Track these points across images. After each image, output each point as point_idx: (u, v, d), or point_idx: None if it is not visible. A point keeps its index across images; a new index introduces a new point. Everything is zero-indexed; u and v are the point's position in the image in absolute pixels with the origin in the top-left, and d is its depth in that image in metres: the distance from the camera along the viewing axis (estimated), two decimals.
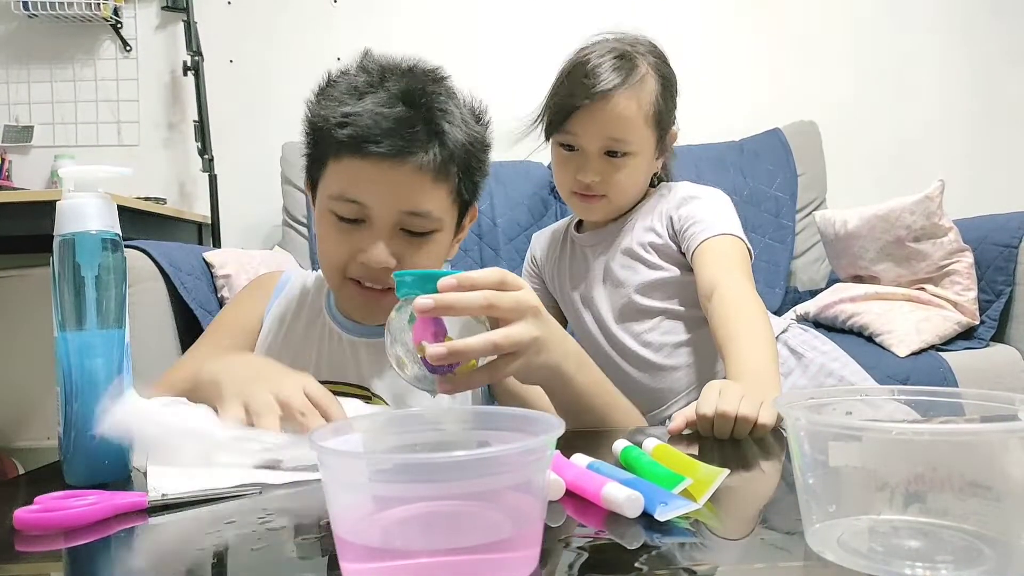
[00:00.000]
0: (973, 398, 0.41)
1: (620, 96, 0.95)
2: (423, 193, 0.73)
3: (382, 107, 0.71)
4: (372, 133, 0.70)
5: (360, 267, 0.75)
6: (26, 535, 0.44)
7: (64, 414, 0.54)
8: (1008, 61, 2.21)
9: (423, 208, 0.74)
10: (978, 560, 0.34)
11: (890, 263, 1.56)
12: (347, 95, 0.74)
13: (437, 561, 0.33)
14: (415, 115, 0.72)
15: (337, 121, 0.72)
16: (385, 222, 0.74)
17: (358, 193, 0.73)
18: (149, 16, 2.19)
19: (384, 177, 0.72)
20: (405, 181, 0.72)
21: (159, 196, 2.08)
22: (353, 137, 0.71)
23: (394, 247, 0.74)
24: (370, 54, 0.79)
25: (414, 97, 0.73)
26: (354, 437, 0.40)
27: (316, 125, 0.77)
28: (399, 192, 0.73)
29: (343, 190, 0.73)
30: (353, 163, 0.72)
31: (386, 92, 0.73)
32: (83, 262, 0.54)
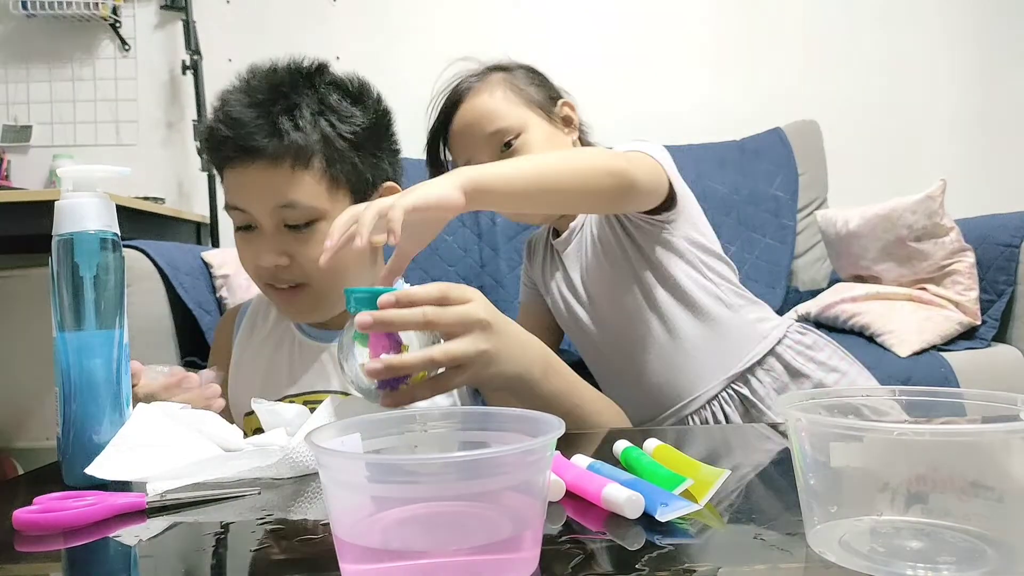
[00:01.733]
0: (975, 398, 0.41)
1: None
2: (287, 184, 0.75)
3: (234, 115, 0.75)
4: (227, 140, 0.74)
5: (264, 271, 0.78)
6: (25, 535, 0.44)
7: (63, 414, 0.54)
8: (1010, 60, 2.21)
9: (291, 198, 0.75)
10: (980, 561, 0.34)
11: (891, 263, 1.56)
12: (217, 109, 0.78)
13: (437, 562, 0.33)
14: (259, 113, 0.75)
15: (207, 139, 0.78)
16: (266, 221, 0.76)
17: (236, 198, 0.77)
18: (148, 15, 2.19)
19: (247, 178, 0.75)
20: (264, 176, 0.74)
21: (158, 196, 2.08)
22: (216, 150, 0.77)
23: (281, 245, 0.76)
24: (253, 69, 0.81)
25: (259, 91, 0.76)
26: (354, 437, 0.40)
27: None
28: (264, 188, 0.75)
29: (228, 199, 0.78)
30: (228, 174, 0.77)
31: (241, 98, 0.76)
32: (82, 262, 0.54)
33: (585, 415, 0.67)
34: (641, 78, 2.21)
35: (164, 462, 0.52)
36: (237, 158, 0.75)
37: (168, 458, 0.52)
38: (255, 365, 0.87)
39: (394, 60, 2.11)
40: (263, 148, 0.74)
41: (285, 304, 0.81)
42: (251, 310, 0.92)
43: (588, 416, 0.68)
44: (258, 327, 0.90)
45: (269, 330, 0.89)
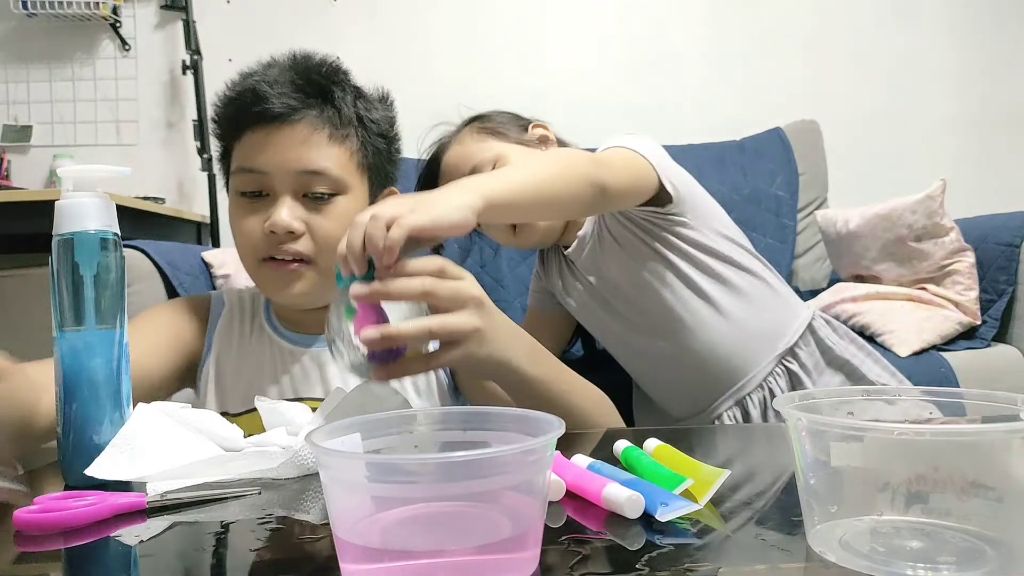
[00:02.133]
0: (975, 398, 0.41)
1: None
2: (318, 150, 0.74)
3: (272, 77, 0.74)
4: (262, 98, 0.73)
5: (269, 240, 0.74)
6: (25, 535, 0.44)
7: (63, 414, 0.54)
8: (1010, 60, 2.21)
9: (319, 165, 0.74)
10: (980, 561, 0.34)
11: (891, 263, 1.56)
12: (239, 79, 0.77)
13: (437, 562, 0.33)
14: (306, 78, 0.75)
15: (230, 99, 0.76)
16: (285, 185, 0.74)
17: (255, 160, 0.74)
18: (148, 15, 2.19)
19: (278, 138, 0.73)
20: (299, 139, 0.74)
21: (158, 196, 2.08)
22: (244, 108, 0.74)
23: (297, 213, 0.74)
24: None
25: (304, 65, 0.77)
26: (354, 438, 0.40)
27: (217, 119, 0.80)
28: (294, 150, 0.73)
29: (241, 162, 0.75)
30: (250, 135, 0.75)
31: (277, 68, 0.77)
32: (82, 261, 0.54)
33: (574, 402, 0.66)
34: (641, 78, 2.21)
35: (164, 462, 0.52)
36: (272, 117, 0.73)
37: (168, 458, 0.52)
38: (240, 370, 0.81)
39: (394, 60, 2.11)
40: (305, 112, 0.74)
41: (283, 283, 0.75)
42: (228, 308, 0.85)
43: (577, 403, 0.66)
44: (237, 329, 0.84)
45: (250, 333, 0.84)
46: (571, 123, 2.14)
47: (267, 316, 0.85)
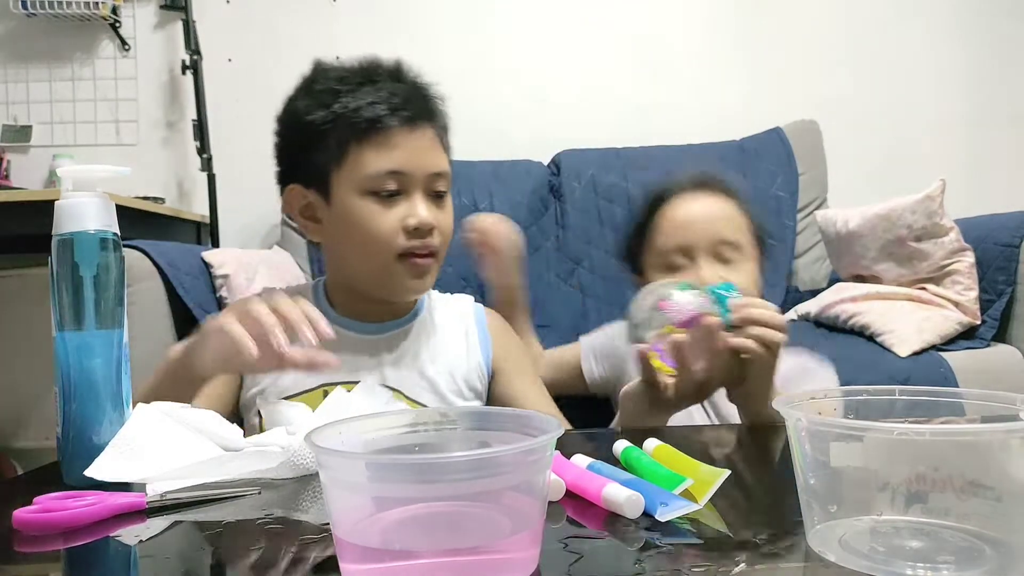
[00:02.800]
0: (974, 398, 0.41)
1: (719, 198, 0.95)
2: (439, 155, 0.84)
3: (385, 88, 0.81)
4: (391, 109, 0.80)
5: (409, 235, 0.80)
6: (25, 535, 0.44)
7: (63, 414, 0.54)
8: (1010, 60, 2.21)
9: (444, 167, 0.83)
10: (979, 560, 0.34)
11: (891, 263, 1.56)
12: (341, 88, 0.81)
13: (437, 562, 0.33)
14: (414, 91, 0.83)
15: (353, 109, 0.79)
16: (418, 185, 0.81)
17: (397, 163, 0.79)
18: (148, 15, 2.18)
19: (412, 144, 0.81)
20: (427, 145, 0.82)
21: (158, 196, 2.08)
22: (377, 118, 0.79)
23: (432, 210, 0.81)
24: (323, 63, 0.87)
25: (406, 78, 0.84)
26: (354, 438, 0.40)
27: (317, 123, 0.81)
28: (426, 155, 0.82)
29: (384, 164, 0.79)
30: (382, 140, 0.80)
31: (387, 78, 0.82)
32: (81, 262, 0.54)
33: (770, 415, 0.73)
34: (641, 78, 2.21)
35: (164, 463, 0.52)
36: (408, 127, 0.80)
37: (168, 459, 0.52)
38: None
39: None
40: (428, 122, 0.82)
41: (418, 276, 0.82)
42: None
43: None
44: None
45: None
46: (571, 123, 2.15)
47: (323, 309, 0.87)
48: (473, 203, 1.89)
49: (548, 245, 1.94)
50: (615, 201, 1.94)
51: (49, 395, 0.55)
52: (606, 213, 1.93)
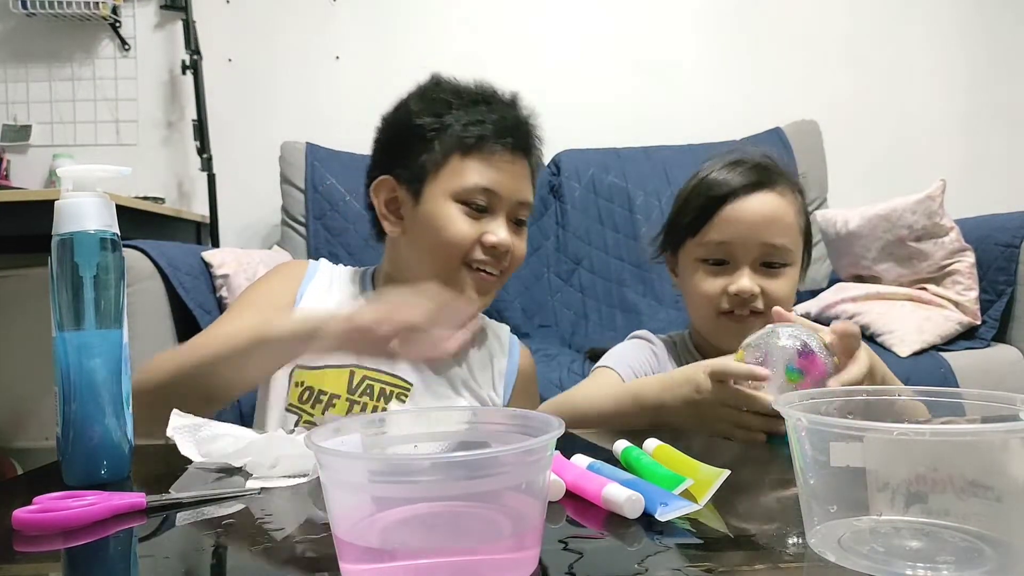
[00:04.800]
0: (974, 398, 0.41)
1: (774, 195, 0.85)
2: (529, 187, 0.89)
3: (498, 112, 0.87)
4: (499, 132, 0.85)
5: (484, 251, 0.84)
6: (25, 535, 0.44)
7: (62, 414, 0.54)
8: (1009, 61, 2.21)
9: (530, 199, 0.89)
10: (979, 560, 0.34)
11: (891, 263, 1.56)
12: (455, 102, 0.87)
13: (437, 561, 0.33)
14: (523, 123, 0.89)
15: (464, 124, 0.85)
16: (506, 209, 0.85)
17: (493, 182, 0.84)
18: (148, 15, 2.18)
19: (510, 169, 0.86)
20: (522, 174, 0.87)
21: (157, 195, 2.08)
22: (485, 137, 0.85)
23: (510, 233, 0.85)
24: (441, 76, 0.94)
25: (518, 107, 0.90)
26: (354, 437, 0.40)
27: (426, 128, 0.86)
28: (519, 183, 0.87)
29: (479, 181, 0.84)
30: (486, 158, 0.85)
31: (494, 102, 0.89)
32: (81, 262, 0.54)
33: None
34: (641, 78, 2.21)
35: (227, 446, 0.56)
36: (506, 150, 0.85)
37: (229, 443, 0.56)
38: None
39: (394, 61, 2.11)
40: (528, 150, 0.88)
41: (481, 290, 0.85)
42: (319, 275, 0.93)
43: None
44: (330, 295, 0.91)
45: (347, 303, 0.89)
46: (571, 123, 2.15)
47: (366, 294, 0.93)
48: None
49: (548, 245, 1.94)
50: (615, 201, 1.94)
51: (49, 395, 0.55)
52: (606, 213, 1.93)
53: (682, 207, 0.90)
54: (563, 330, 1.85)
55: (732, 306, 0.83)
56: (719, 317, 0.84)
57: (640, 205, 1.92)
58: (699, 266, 0.86)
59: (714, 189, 0.85)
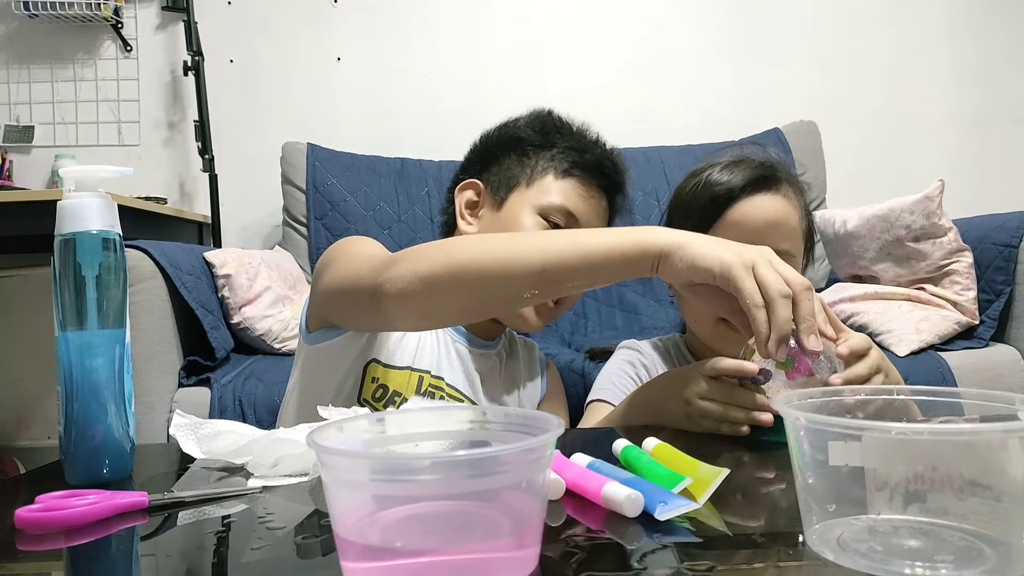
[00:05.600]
0: (973, 398, 0.41)
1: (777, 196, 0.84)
2: (602, 223, 0.93)
3: (601, 148, 0.94)
4: (596, 168, 0.90)
5: None
6: (27, 534, 0.44)
7: (65, 414, 0.54)
8: (1008, 61, 2.21)
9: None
10: (978, 560, 0.34)
11: (890, 263, 1.56)
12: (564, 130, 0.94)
13: (437, 561, 0.33)
14: (618, 168, 0.94)
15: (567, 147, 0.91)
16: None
17: (576, 206, 0.88)
18: (149, 16, 2.19)
19: (596, 204, 0.90)
20: (601, 209, 0.91)
21: (160, 196, 2.08)
22: (581, 166, 0.90)
23: None
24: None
25: (616, 157, 0.95)
26: (355, 436, 0.40)
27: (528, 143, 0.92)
28: (596, 215, 0.90)
29: (568, 202, 0.88)
30: (574, 184, 0.89)
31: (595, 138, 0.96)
32: (84, 262, 0.54)
33: None
34: (640, 78, 2.21)
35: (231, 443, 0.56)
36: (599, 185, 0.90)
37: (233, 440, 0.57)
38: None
39: (395, 62, 2.11)
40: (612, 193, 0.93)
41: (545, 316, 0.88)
42: None
43: None
44: None
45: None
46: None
47: None
48: None
49: None
50: None
51: (51, 395, 0.55)
52: None
53: (682, 211, 0.87)
54: (563, 330, 1.85)
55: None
56: (718, 324, 0.82)
57: (640, 206, 1.92)
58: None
59: (715, 192, 0.82)
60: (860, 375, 0.64)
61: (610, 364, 0.94)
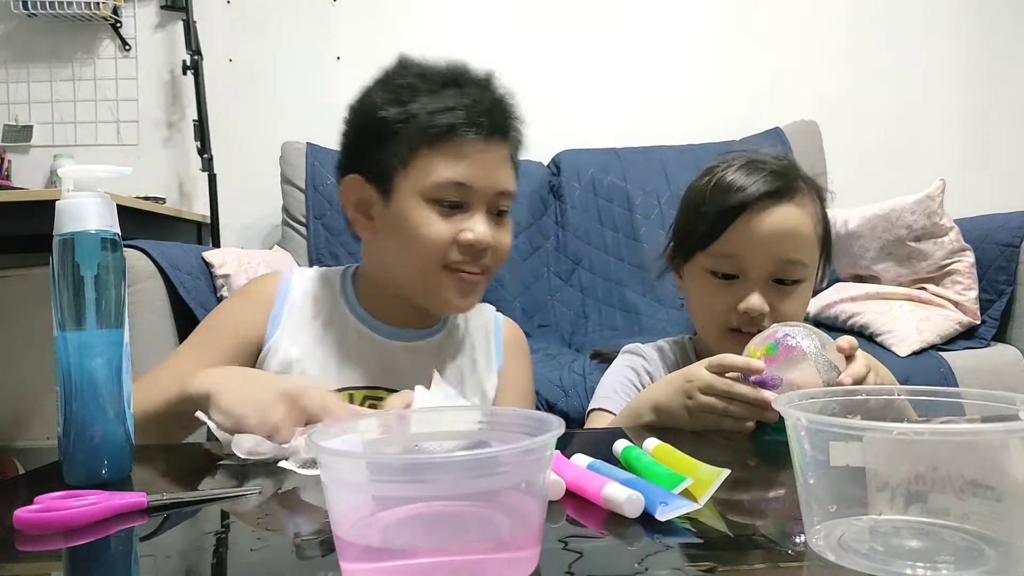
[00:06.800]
0: (974, 398, 0.41)
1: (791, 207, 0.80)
2: (508, 173, 0.81)
3: (470, 96, 0.78)
4: (470, 119, 0.76)
5: (462, 251, 0.77)
6: (26, 535, 0.44)
7: (64, 414, 0.54)
8: (1009, 60, 2.21)
9: (511, 187, 0.81)
10: (979, 560, 0.34)
11: (891, 262, 1.56)
12: (421, 87, 0.79)
13: (437, 561, 0.33)
14: (498, 104, 0.80)
15: (430, 112, 0.76)
16: (484, 203, 0.78)
17: (466, 176, 0.77)
18: (148, 15, 2.19)
19: (485, 158, 0.78)
20: (499, 162, 0.79)
21: (158, 196, 2.08)
22: (454, 126, 0.76)
23: (491, 228, 0.79)
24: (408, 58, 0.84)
25: (492, 87, 0.81)
26: (354, 437, 0.40)
27: (390, 120, 0.78)
28: (495, 171, 0.79)
29: (451, 174, 0.77)
30: (456, 149, 0.77)
31: (465, 84, 0.80)
32: (82, 262, 0.54)
33: None
34: (641, 78, 2.21)
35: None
36: (485, 139, 0.77)
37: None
38: (315, 351, 0.83)
39: None
40: (505, 138, 0.80)
41: (464, 293, 0.80)
42: (294, 289, 0.86)
43: None
44: (309, 311, 0.85)
45: (327, 317, 0.85)
46: (571, 122, 2.15)
47: (349, 302, 0.86)
48: None
49: (548, 245, 1.94)
50: (615, 201, 1.94)
51: (50, 395, 0.55)
52: (606, 213, 1.93)
53: (694, 213, 0.83)
54: (563, 330, 1.85)
55: (740, 324, 0.79)
56: (725, 333, 0.80)
57: (640, 205, 1.92)
58: (708, 277, 0.81)
59: (729, 198, 0.79)
60: (861, 373, 0.64)
61: (612, 371, 0.92)
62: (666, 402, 0.70)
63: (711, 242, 0.80)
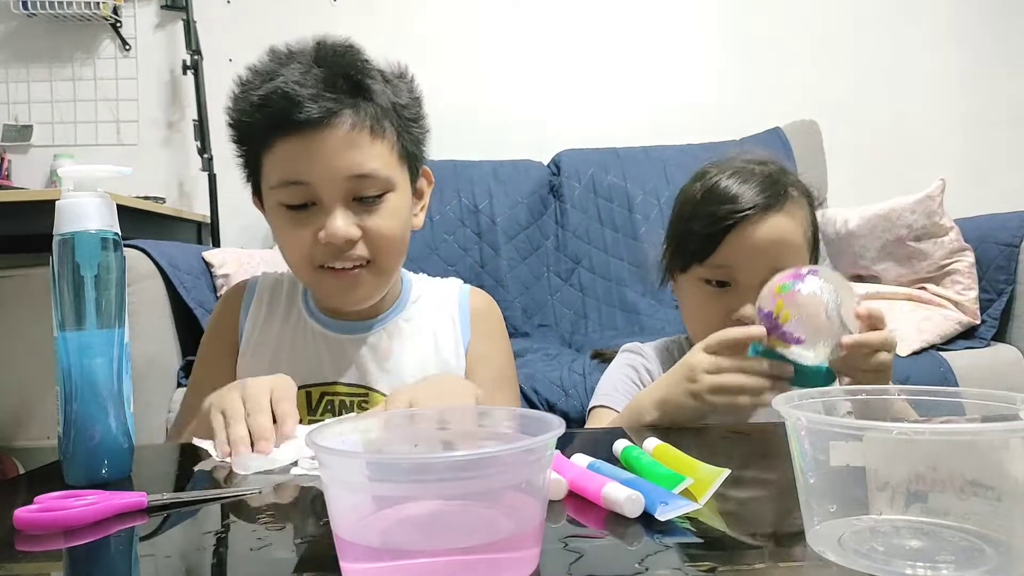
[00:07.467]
0: (974, 397, 0.41)
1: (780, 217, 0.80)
2: (362, 151, 0.71)
3: (298, 77, 0.69)
4: (295, 103, 0.67)
5: (325, 250, 0.72)
6: (26, 535, 0.44)
7: (64, 414, 0.54)
8: (1009, 60, 2.21)
9: (367, 168, 0.71)
10: (979, 560, 0.34)
11: (891, 262, 1.56)
12: (258, 81, 0.72)
13: (437, 561, 0.33)
14: (334, 74, 0.70)
15: (256, 106, 0.70)
16: (334, 195, 0.71)
17: (299, 172, 0.70)
18: (148, 15, 2.19)
19: (321, 146, 0.69)
20: (342, 144, 0.70)
21: (158, 195, 2.08)
22: (276, 115, 0.68)
23: (351, 219, 0.72)
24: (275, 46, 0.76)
25: (329, 59, 0.71)
26: (354, 437, 0.40)
27: (239, 124, 0.74)
28: (339, 157, 0.70)
29: (284, 175, 0.71)
30: (285, 144, 0.70)
31: (298, 63, 0.71)
32: (82, 261, 0.54)
33: None
34: (640, 78, 2.21)
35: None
36: (309, 125, 0.68)
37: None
38: (270, 350, 0.82)
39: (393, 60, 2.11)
40: (343, 113, 0.69)
41: (345, 290, 0.75)
42: (259, 291, 0.86)
43: None
44: (272, 311, 0.85)
45: (283, 316, 0.84)
46: (571, 123, 2.15)
47: (304, 301, 0.85)
48: (473, 203, 1.89)
49: (548, 245, 1.94)
50: (615, 201, 1.94)
51: (50, 395, 0.55)
52: (606, 213, 1.93)
53: (687, 226, 0.83)
54: (563, 330, 1.85)
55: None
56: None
57: (640, 205, 1.92)
58: (701, 285, 0.82)
59: (720, 211, 0.79)
60: (871, 342, 0.63)
61: (612, 369, 0.92)
62: (670, 396, 0.69)
63: (706, 257, 0.80)
